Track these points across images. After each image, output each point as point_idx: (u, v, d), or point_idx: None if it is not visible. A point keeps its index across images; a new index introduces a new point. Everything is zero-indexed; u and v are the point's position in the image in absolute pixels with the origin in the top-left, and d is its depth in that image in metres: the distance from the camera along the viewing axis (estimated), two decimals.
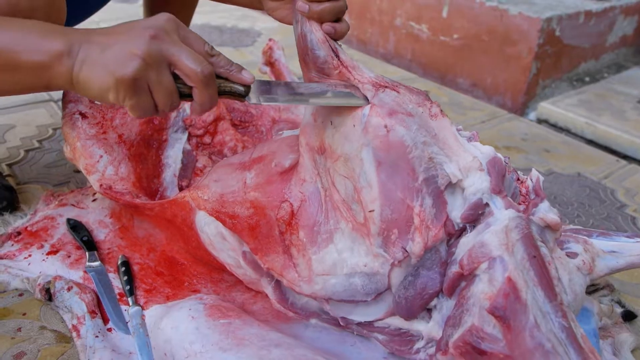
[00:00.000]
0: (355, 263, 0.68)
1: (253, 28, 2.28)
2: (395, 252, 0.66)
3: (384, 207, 0.65)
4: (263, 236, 0.73)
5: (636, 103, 1.72)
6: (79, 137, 0.87)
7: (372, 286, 0.68)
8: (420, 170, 0.64)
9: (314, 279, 0.70)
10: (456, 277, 0.63)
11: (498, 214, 0.64)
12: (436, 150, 0.65)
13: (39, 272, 0.84)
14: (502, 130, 1.53)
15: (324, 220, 0.70)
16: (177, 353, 0.66)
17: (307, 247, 0.70)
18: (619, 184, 1.27)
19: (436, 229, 0.64)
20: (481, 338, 0.58)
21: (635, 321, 0.86)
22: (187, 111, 1.03)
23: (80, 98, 0.91)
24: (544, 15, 1.65)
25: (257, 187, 0.73)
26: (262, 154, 0.76)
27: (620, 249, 0.71)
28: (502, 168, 0.66)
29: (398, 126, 0.64)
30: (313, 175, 0.71)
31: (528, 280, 0.58)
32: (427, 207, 0.64)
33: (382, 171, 0.64)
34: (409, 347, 0.70)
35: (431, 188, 0.65)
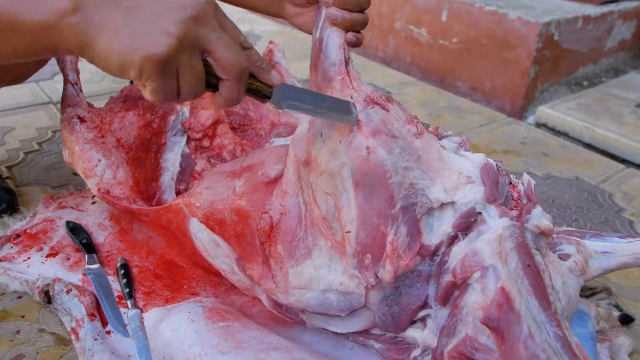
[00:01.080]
0: (331, 280, 0.68)
1: (252, 31, 2.29)
2: (368, 276, 0.66)
3: (360, 230, 0.65)
4: (247, 244, 0.73)
5: (634, 107, 1.72)
6: (78, 141, 0.87)
7: (347, 303, 0.69)
8: (399, 197, 0.64)
9: (290, 291, 0.70)
10: (449, 286, 0.63)
11: (491, 222, 0.63)
12: (418, 175, 0.64)
13: (38, 275, 0.84)
14: (500, 134, 1.53)
15: (303, 236, 0.69)
16: (176, 356, 0.66)
17: (284, 260, 0.70)
18: (616, 188, 1.28)
19: (407, 259, 0.64)
20: (475, 349, 0.58)
21: (633, 325, 0.86)
22: (186, 114, 1.03)
23: (79, 102, 0.91)
24: (542, 19, 1.65)
25: (243, 195, 0.72)
26: (252, 162, 0.76)
27: (613, 250, 0.71)
28: (495, 174, 0.65)
29: (380, 149, 0.63)
30: (295, 189, 0.70)
31: (522, 289, 0.58)
32: (401, 235, 0.64)
33: (359, 193, 0.64)
34: (405, 356, 0.70)
35: (407, 217, 0.64)
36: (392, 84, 1.80)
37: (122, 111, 0.95)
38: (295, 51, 2.09)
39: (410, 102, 1.68)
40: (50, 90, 1.54)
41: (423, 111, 1.64)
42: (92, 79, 1.67)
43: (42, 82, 1.59)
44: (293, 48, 2.12)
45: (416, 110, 1.63)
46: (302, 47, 2.15)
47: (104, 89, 1.59)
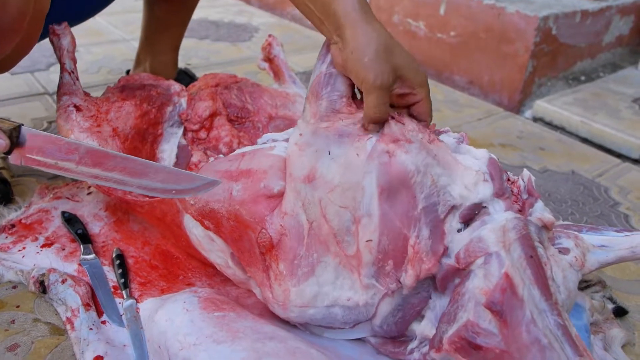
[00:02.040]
0: (337, 296, 0.68)
1: (250, 23, 2.28)
2: (389, 282, 0.66)
3: (382, 237, 0.64)
4: (245, 250, 0.73)
5: (631, 102, 1.72)
6: (73, 129, 0.87)
7: (352, 317, 0.69)
8: (421, 198, 0.64)
9: (290, 308, 0.70)
10: (450, 272, 0.64)
11: (495, 214, 0.64)
12: (439, 172, 0.65)
13: (33, 265, 0.84)
14: (497, 128, 1.53)
15: (305, 254, 0.69)
16: (172, 345, 0.66)
17: (286, 279, 0.70)
18: (612, 182, 1.28)
19: (430, 263, 0.64)
20: (477, 333, 0.58)
21: (626, 317, 0.86)
22: (183, 106, 1.03)
23: (75, 91, 0.90)
24: (540, 13, 1.65)
25: (242, 203, 0.71)
26: (251, 167, 0.74)
27: (610, 243, 0.71)
28: (500, 168, 0.66)
29: (400, 152, 0.64)
30: (295, 208, 0.69)
31: (525, 278, 0.59)
32: (423, 238, 0.64)
33: (383, 199, 0.64)
34: (402, 349, 0.70)
35: (430, 217, 0.64)
36: None
37: (119, 101, 0.94)
38: (294, 44, 2.09)
39: None
40: (46, 81, 1.54)
41: None
42: (88, 70, 1.66)
43: (37, 73, 1.59)
44: (291, 41, 2.12)
45: None
46: (300, 40, 2.14)
47: (100, 80, 1.59)
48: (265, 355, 0.62)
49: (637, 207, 1.18)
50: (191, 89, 1.06)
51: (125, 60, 1.75)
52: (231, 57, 1.90)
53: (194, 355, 0.63)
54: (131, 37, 1.96)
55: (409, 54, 0.69)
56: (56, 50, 0.93)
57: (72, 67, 0.92)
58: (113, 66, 1.71)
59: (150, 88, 1.00)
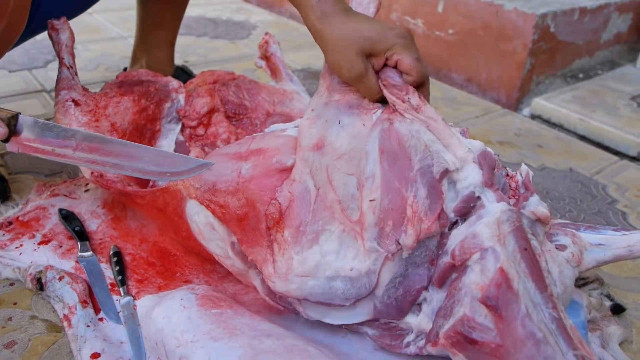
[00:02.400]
0: (340, 266, 0.68)
1: (248, 21, 2.28)
2: (389, 244, 0.66)
3: (384, 196, 0.66)
4: (250, 228, 0.73)
5: (629, 100, 1.72)
6: (71, 124, 0.87)
7: (354, 291, 0.68)
8: (416, 160, 0.66)
9: (291, 278, 0.70)
10: (447, 268, 0.64)
11: (490, 206, 0.64)
12: (432, 138, 0.67)
13: (30, 262, 0.83)
14: (495, 126, 1.53)
15: (311, 220, 0.70)
16: (169, 342, 0.66)
17: (290, 246, 0.70)
18: (610, 180, 1.28)
19: (429, 221, 0.65)
20: (472, 328, 0.58)
21: (624, 314, 0.86)
22: (181, 102, 1.03)
23: (74, 85, 0.90)
24: (539, 11, 1.65)
25: (252, 178, 0.72)
26: (262, 146, 0.76)
27: (607, 242, 0.71)
28: (492, 161, 0.67)
29: (396, 120, 0.68)
30: (303, 175, 0.71)
31: (519, 271, 0.59)
32: (420, 198, 0.65)
33: (384, 159, 0.67)
34: (399, 342, 0.70)
35: (426, 178, 0.65)
36: None
37: (117, 96, 0.94)
38: (291, 41, 2.08)
39: None
40: (43, 78, 1.53)
41: None
42: (85, 67, 1.66)
43: (35, 70, 1.58)
44: (289, 38, 2.11)
45: None
46: (298, 38, 2.14)
47: (97, 78, 1.58)
48: (262, 352, 0.62)
49: (634, 204, 1.18)
50: (189, 85, 1.06)
51: (122, 57, 1.74)
52: (229, 54, 1.89)
53: (191, 352, 0.63)
54: (129, 34, 1.96)
55: (372, 24, 0.69)
56: (55, 45, 0.93)
57: (71, 62, 0.92)
58: (111, 63, 1.70)
59: (148, 84, 1.00)
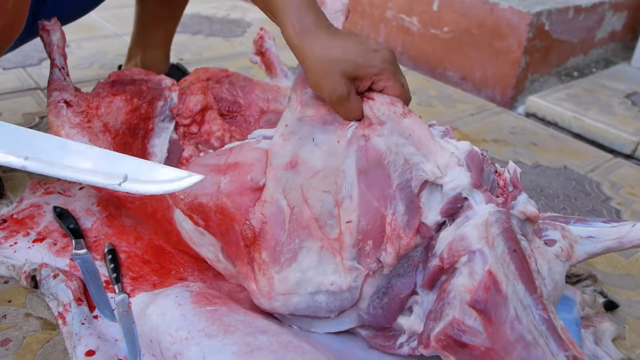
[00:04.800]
0: (320, 282, 0.68)
1: (243, 19, 2.28)
2: (370, 263, 0.66)
3: (361, 217, 0.66)
4: (232, 242, 0.73)
5: (623, 98, 1.73)
6: (63, 125, 0.87)
7: (337, 304, 0.69)
8: (395, 176, 0.65)
9: (275, 297, 0.70)
10: (436, 271, 0.64)
11: (478, 208, 0.63)
12: (412, 151, 0.66)
13: (25, 260, 0.83)
14: (490, 124, 1.53)
15: (287, 240, 0.70)
16: (163, 340, 0.66)
17: (269, 267, 0.70)
18: (604, 178, 1.29)
19: (408, 238, 0.64)
20: (462, 331, 0.58)
21: (617, 311, 0.87)
22: (174, 100, 1.03)
23: (66, 86, 0.90)
24: (533, 9, 1.65)
25: (229, 195, 0.72)
26: (239, 160, 0.75)
27: (597, 234, 0.71)
28: (480, 161, 0.66)
29: (373, 135, 0.67)
30: (275, 195, 0.70)
31: (508, 273, 0.59)
32: (399, 214, 0.65)
33: (361, 180, 0.66)
34: (392, 342, 0.70)
35: (404, 193, 0.65)
36: None
37: (110, 96, 0.94)
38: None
39: None
40: (38, 76, 1.53)
41: (413, 100, 1.64)
42: (80, 65, 1.65)
43: (29, 68, 1.58)
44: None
45: None
46: None
47: (92, 76, 1.58)
48: (256, 349, 0.62)
49: (628, 202, 1.19)
50: (182, 83, 1.05)
51: (117, 55, 1.74)
52: (224, 52, 1.89)
53: (185, 349, 0.63)
54: (123, 32, 1.95)
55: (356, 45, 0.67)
56: (46, 46, 0.92)
57: (63, 63, 0.92)
58: (105, 61, 1.70)
59: (141, 83, 0.99)
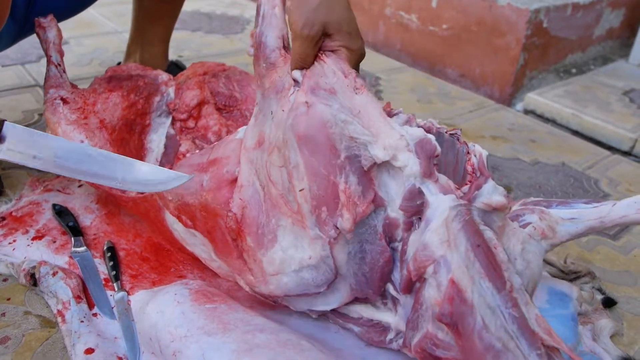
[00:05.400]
0: (301, 258, 0.68)
1: (242, 15, 2.27)
2: (328, 230, 0.65)
3: (312, 184, 0.64)
4: (219, 240, 0.73)
5: (621, 95, 1.73)
6: (60, 122, 0.87)
7: (322, 277, 0.68)
8: (342, 148, 0.63)
9: (268, 279, 0.71)
10: (408, 279, 0.63)
11: (434, 202, 0.62)
12: (359, 130, 0.64)
13: (24, 257, 0.83)
14: (489, 120, 1.54)
15: (266, 221, 0.70)
16: (163, 337, 0.66)
17: (255, 251, 0.70)
18: (602, 174, 1.29)
19: (364, 206, 0.64)
20: (436, 345, 0.58)
21: (615, 308, 0.87)
22: (171, 95, 1.03)
23: (62, 83, 0.90)
24: (532, 6, 1.65)
25: (210, 191, 0.73)
26: (217, 156, 0.75)
27: (579, 215, 0.70)
28: (432, 149, 0.63)
29: (318, 103, 0.64)
30: (250, 177, 0.70)
31: (474, 274, 0.57)
32: (352, 184, 0.64)
33: (303, 147, 0.64)
34: (383, 338, 0.71)
35: (355, 167, 0.64)
36: (382, 70, 1.80)
37: (106, 92, 0.94)
38: None
39: (400, 88, 1.68)
40: (37, 73, 1.53)
41: (413, 97, 1.64)
42: (79, 62, 1.65)
43: (28, 65, 1.58)
44: None
45: (406, 96, 1.63)
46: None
47: (91, 72, 1.58)
48: (255, 346, 0.62)
49: (626, 198, 1.19)
50: (179, 78, 1.05)
51: (116, 52, 1.74)
52: (223, 49, 1.89)
53: (184, 347, 0.63)
54: (123, 29, 1.95)
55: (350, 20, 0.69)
56: (42, 43, 0.92)
57: (59, 60, 0.92)
58: (104, 58, 1.70)
59: (137, 78, 0.99)
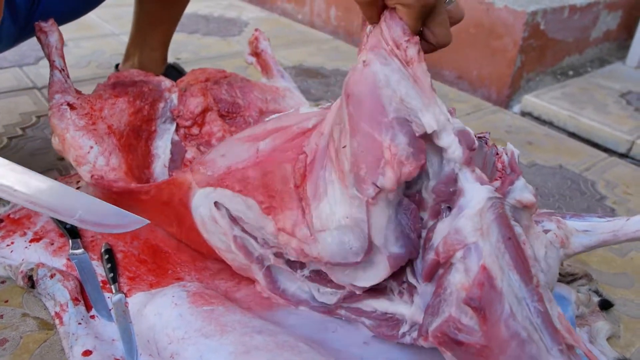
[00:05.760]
0: (341, 215, 0.66)
1: (240, 18, 2.28)
2: (367, 188, 0.63)
3: (353, 140, 0.63)
4: (278, 192, 0.71)
5: (618, 97, 1.74)
6: (68, 128, 0.87)
7: (357, 243, 0.66)
8: (391, 109, 0.61)
9: (317, 236, 0.68)
10: (433, 264, 0.63)
11: (470, 190, 0.62)
12: (411, 93, 0.62)
13: (22, 260, 0.83)
14: (486, 123, 1.54)
15: (323, 174, 0.68)
16: (160, 339, 0.66)
17: (310, 202, 0.69)
18: (599, 176, 1.29)
19: (412, 167, 0.61)
20: (458, 329, 0.58)
21: (612, 310, 0.87)
22: (174, 102, 1.03)
23: (67, 89, 0.90)
24: (529, 9, 1.66)
25: (273, 149, 0.72)
26: (280, 125, 0.75)
27: (593, 228, 0.72)
28: (471, 141, 0.63)
29: (375, 60, 0.62)
30: (329, 128, 0.69)
31: (503, 265, 0.58)
32: (400, 143, 0.61)
33: (350, 103, 0.63)
34: (395, 332, 0.71)
35: (405, 129, 0.61)
36: None
37: (112, 98, 0.94)
38: (283, 38, 2.08)
39: None
40: (34, 75, 1.53)
41: None
42: (77, 64, 1.65)
43: (26, 67, 1.58)
44: (280, 35, 2.11)
45: None
46: (290, 35, 2.14)
47: (89, 75, 1.58)
48: (253, 348, 0.62)
49: (623, 201, 1.19)
50: (180, 84, 1.06)
51: (114, 54, 1.74)
52: (221, 51, 1.89)
53: (182, 349, 0.63)
54: (120, 31, 1.95)
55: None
56: (44, 48, 0.92)
57: (62, 65, 0.92)
58: (102, 60, 1.70)
59: (141, 84, 1.00)
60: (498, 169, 0.67)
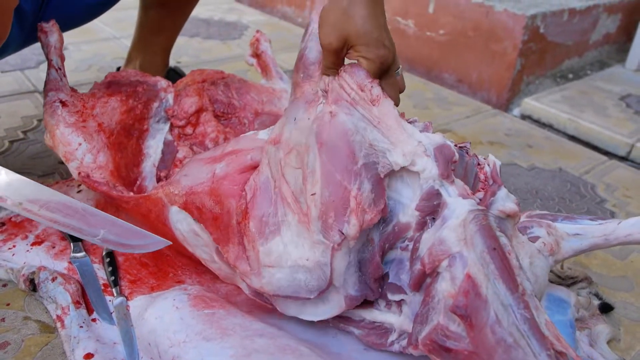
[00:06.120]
0: (298, 256, 0.69)
1: (240, 21, 2.28)
2: (333, 235, 0.66)
3: (324, 189, 0.66)
4: (224, 226, 0.74)
5: (618, 100, 1.74)
6: (58, 124, 0.87)
7: (314, 283, 0.69)
8: (361, 155, 0.66)
9: (262, 271, 0.71)
10: (420, 274, 0.64)
11: (452, 203, 0.64)
12: (378, 137, 0.67)
13: (23, 263, 0.84)
14: (486, 126, 1.54)
15: (272, 212, 0.71)
16: (161, 343, 0.66)
17: (256, 239, 0.71)
18: (599, 180, 1.29)
19: (372, 214, 0.65)
20: (446, 336, 0.59)
21: (612, 313, 0.88)
22: (169, 101, 1.03)
23: (61, 87, 0.90)
24: (528, 12, 1.66)
25: (226, 176, 0.75)
26: (236, 148, 0.78)
27: (584, 232, 0.72)
28: (450, 154, 0.66)
29: (341, 112, 0.67)
30: (264, 167, 0.73)
31: (489, 273, 0.58)
32: (365, 191, 0.65)
33: (323, 153, 0.67)
34: (384, 340, 0.71)
35: (371, 174, 0.66)
36: None
37: (105, 96, 0.94)
38: (283, 42, 2.09)
39: None
40: (36, 79, 1.53)
41: (409, 102, 1.65)
42: (78, 67, 1.66)
43: (27, 71, 1.58)
44: (280, 39, 2.12)
45: (402, 102, 1.63)
46: (290, 38, 2.15)
47: (90, 78, 1.58)
48: (254, 352, 0.62)
49: (623, 204, 1.20)
50: (178, 85, 1.06)
51: (115, 58, 1.74)
52: (221, 55, 1.90)
53: (183, 352, 0.64)
54: (121, 35, 1.96)
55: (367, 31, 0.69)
56: (44, 47, 0.93)
57: (60, 64, 0.92)
58: (103, 64, 1.70)
59: (136, 84, 1.00)
60: (480, 179, 0.69)
